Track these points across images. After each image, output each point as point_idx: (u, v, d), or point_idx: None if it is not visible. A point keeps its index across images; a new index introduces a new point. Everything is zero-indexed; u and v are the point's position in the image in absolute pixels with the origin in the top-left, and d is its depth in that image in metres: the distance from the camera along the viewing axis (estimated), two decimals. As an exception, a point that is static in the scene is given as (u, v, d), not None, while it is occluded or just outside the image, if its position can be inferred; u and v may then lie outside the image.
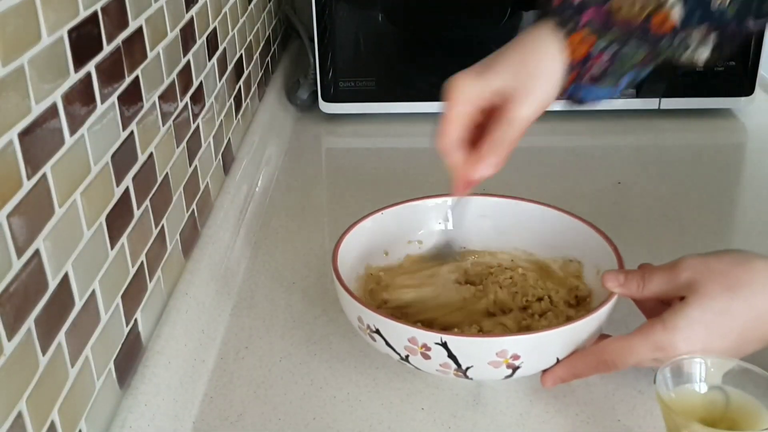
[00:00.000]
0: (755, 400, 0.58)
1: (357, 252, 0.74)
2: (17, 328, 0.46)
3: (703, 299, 0.60)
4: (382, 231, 0.77)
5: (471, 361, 0.62)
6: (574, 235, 0.75)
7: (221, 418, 0.66)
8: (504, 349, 0.61)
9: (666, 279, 0.63)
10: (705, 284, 0.61)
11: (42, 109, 0.49)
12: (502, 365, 0.62)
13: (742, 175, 1.09)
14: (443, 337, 0.61)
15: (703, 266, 0.62)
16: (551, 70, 0.65)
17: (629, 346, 0.62)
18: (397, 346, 0.63)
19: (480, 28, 1.14)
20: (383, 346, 0.64)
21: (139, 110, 0.65)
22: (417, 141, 1.17)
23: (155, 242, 0.69)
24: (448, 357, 0.62)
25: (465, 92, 0.66)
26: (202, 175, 0.84)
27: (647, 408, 0.65)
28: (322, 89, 1.17)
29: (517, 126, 0.65)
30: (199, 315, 0.73)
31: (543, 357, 0.63)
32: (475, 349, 0.62)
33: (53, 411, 0.50)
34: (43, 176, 0.49)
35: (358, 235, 0.75)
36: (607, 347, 0.63)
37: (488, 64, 0.66)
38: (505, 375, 0.63)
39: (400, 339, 0.63)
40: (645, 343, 0.61)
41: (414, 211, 0.79)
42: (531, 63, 0.65)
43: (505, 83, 0.64)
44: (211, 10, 0.87)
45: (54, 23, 0.51)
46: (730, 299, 0.60)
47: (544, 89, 0.65)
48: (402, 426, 0.65)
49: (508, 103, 0.64)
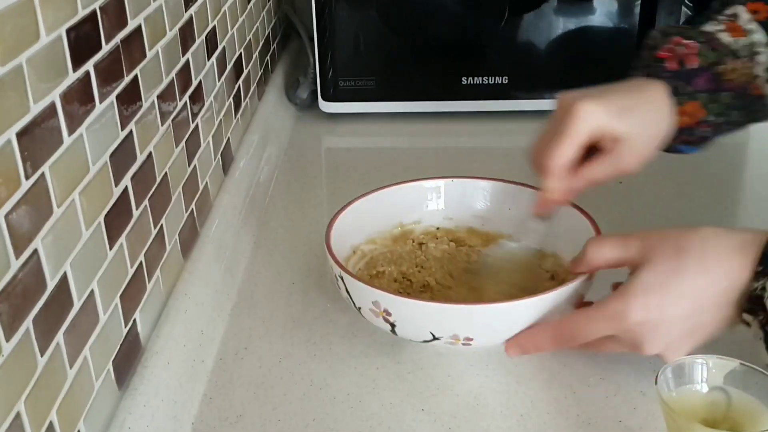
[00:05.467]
0: (757, 401, 0.57)
1: (350, 230, 0.77)
2: (16, 329, 0.46)
3: (656, 263, 0.61)
4: (381, 209, 0.80)
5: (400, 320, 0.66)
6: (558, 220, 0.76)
7: (220, 418, 0.66)
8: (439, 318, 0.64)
9: (617, 244, 0.64)
10: (656, 248, 0.61)
11: (40, 109, 0.49)
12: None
13: (744, 174, 1.09)
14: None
15: (655, 234, 0.63)
16: (665, 124, 0.70)
17: (585, 317, 0.63)
18: (358, 302, 0.68)
19: (479, 29, 1.14)
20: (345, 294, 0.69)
21: (138, 110, 0.65)
22: (417, 141, 1.17)
23: (154, 242, 0.69)
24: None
25: (593, 122, 0.67)
26: (201, 175, 0.84)
27: (648, 409, 0.65)
28: (321, 88, 1.17)
29: (622, 168, 0.69)
30: (199, 315, 0.73)
31: (482, 330, 0.65)
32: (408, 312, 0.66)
33: (52, 412, 0.50)
34: (42, 176, 0.49)
35: (356, 211, 0.77)
36: (567, 321, 0.64)
37: (609, 99, 0.68)
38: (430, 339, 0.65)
39: (362, 298, 0.67)
40: (600, 314, 0.62)
41: (409, 192, 0.82)
42: (649, 115, 0.69)
43: (628, 130, 0.67)
44: (211, 9, 0.87)
45: (52, 22, 0.50)
46: (682, 259, 0.60)
47: (656, 141, 0.70)
48: (402, 427, 0.65)
49: (621, 148, 0.67)
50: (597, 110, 0.66)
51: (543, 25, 1.14)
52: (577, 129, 0.66)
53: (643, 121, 0.68)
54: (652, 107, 0.69)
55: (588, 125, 0.66)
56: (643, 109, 0.69)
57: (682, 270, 0.60)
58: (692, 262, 0.60)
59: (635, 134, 0.67)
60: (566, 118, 0.66)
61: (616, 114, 0.67)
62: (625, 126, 0.67)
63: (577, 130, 0.66)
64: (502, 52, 1.15)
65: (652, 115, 0.69)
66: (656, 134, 0.69)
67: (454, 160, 1.09)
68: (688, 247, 0.60)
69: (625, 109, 0.67)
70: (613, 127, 0.67)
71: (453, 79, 1.15)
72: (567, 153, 0.67)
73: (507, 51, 1.15)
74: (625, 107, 0.68)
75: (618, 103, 0.68)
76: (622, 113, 0.67)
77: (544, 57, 1.15)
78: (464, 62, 1.15)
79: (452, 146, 1.15)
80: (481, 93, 1.16)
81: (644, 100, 0.69)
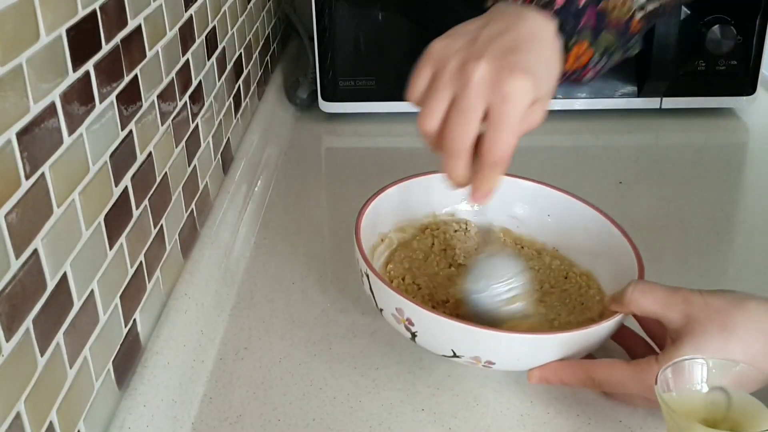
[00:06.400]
0: (757, 401, 0.57)
1: (380, 218, 0.75)
2: (15, 329, 0.46)
3: (698, 340, 0.59)
4: (411, 198, 0.78)
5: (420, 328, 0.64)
6: (602, 241, 0.75)
7: (220, 419, 0.66)
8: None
9: (662, 301, 0.62)
10: (700, 322, 0.60)
11: (40, 109, 0.49)
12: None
13: (744, 174, 1.09)
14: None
15: (700, 301, 0.61)
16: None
17: (621, 376, 0.62)
18: (382, 305, 0.66)
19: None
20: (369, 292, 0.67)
21: (138, 110, 0.65)
22: (417, 140, 1.16)
23: (154, 242, 0.69)
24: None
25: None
26: (201, 175, 0.84)
27: (649, 409, 0.65)
28: (321, 88, 1.17)
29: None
30: (198, 315, 0.73)
31: (508, 357, 0.64)
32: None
33: (52, 412, 0.50)
34: (42, 176, 0.49)
35: (386, 200, 0.76)
36: (601, 369, 0.63)
37: (473, 33, 0.62)
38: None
39: (386, 301, 0.65)
40: (637, 381, 0.61)
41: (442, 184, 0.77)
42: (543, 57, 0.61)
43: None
44: (210, 9, 0.87)
45: (52, 22, 0.50)
46: (726, 340, 0.59)
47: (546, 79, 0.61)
48: (402, 427, 0.65)
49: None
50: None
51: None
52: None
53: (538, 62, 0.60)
54: (541, 45, 0.61)
55: None
56: (517, 35, 0.60)
57: (724, 350, 0.59)
58: (735, 344, 0.59)
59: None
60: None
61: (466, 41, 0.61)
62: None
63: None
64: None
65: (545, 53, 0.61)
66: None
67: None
68: (731, 326, 0.59)
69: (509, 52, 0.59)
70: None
71: (453, 79, 1.15)
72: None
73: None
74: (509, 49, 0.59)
75: (475, 31, 0.62)
76: (479, 39, 0.61)
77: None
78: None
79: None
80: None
81: (520, 27, 0.60)
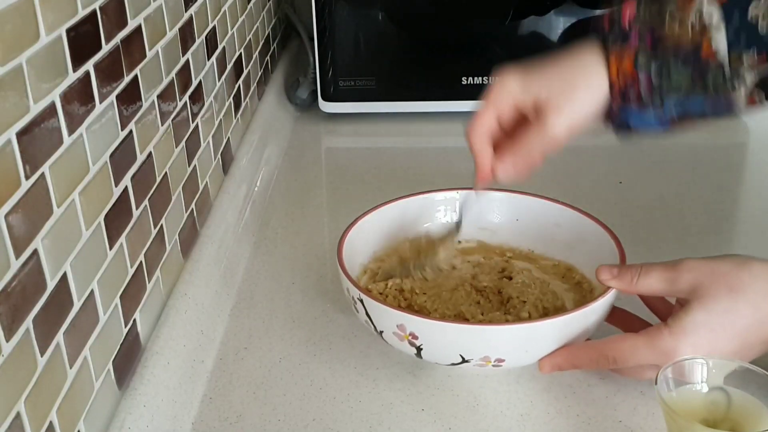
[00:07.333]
0: (757, 401, 0.57)
1: (362, 243, 0.75)
2: (15, 329, 0.46)
3: (707, 301, 0.60)
4: (388, 224, 0.77)
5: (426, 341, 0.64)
6: (575, 231, 0.75)
7: (220, 419, 0.66)
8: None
9: (665, 277, 0.63)
10: (708, 286, 0.61)
11: (40, 109, 0.49)
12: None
13: (744, 174, 1.09)
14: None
15: (705, 268, 0.62)
16: (593, 84, 0.64)
17: (634, 347, 0.62)
18: (380, 326, 0.66)
19: (482, 29, 1.14)
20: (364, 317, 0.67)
21: (138, 110, 0.65)
22: (417, 140, 1.17)
23: (154, 242, 0.69)
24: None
25: (507, 89, 0.65)
26: (201, 175, 0.84)
27: (649, 409, 0.65)
28: (321, 88, 1.17)
29: (549, 134, 0.64)
30: (198, 315, 0.73)
31: (523, 350, 0.64)
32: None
33: (52, 412, 0.50)
34: (42, 176, 0.49)
35: (364, 228, 0.75)
36: (612, 344, 0.63)
37: (533, 69, 0.65)
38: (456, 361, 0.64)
39: (386, 321, 0.65)
40: (649, 347, 0.61)
41: (420, 205, 0.79)
42: (572, 75, 0.64)
43: (546, 91, 0.64)
44: (210, 9, 0.87)
45: (52, 22, 0.50)
46: (734, 300, 0.60)
47: (582, 102, 0.64)
48: (402, 427, 0.65)
49: (543, 112, 0.64)
50: (511, 77, 0.65)
51: (544, 25, 1.14)
52: (492, 98, 0.65)
53: (565, 82, 0.64)
54: (575, 63, 0.65)
55: (503, 91, 0.65)
56: (564, 68, 0.65)
57: (733, 310, 0.60)
58: (743, 304, 0.60)
59: (555, 96, 0.64)
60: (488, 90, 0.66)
61: (533, 79, 0.64)
62: (540, 89, 0.64)
63: (492, 99, 0.65)
64: (503, 52, 1.15)
65: (574, 69, 0.65)
66: (582, 86, 0.64)
67: (454, 160, 1.09)
68: (739, 287, 0.60)
69: (544, 74, 0.64)
70: (528, 89, 0.64)
71: (453, 79, 1.15)
72: (484, 121, 0.66)
73: (508, 51, 1.15)
74: (546, 72, 0.64)
75: (541, 69, 0.65)
76: (540, 77, 0.64)
77: (545, 58, 1.15)
78: (464, 62, 1.15)
79: (452, 146, 1.14)
80: (481, 93, 1.15)
81: (569, 60, 0.65)
